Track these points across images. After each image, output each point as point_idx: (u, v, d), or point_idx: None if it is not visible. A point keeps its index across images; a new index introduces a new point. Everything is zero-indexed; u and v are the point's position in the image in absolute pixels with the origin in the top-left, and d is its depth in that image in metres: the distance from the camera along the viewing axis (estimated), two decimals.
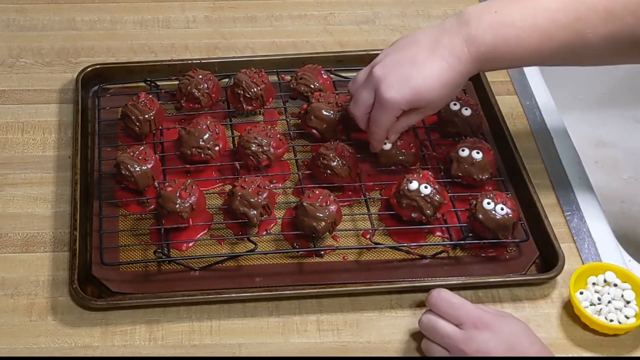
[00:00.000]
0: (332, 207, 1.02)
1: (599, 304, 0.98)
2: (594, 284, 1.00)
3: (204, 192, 1.07)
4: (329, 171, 1.08)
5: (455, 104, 1.14)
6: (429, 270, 1.03)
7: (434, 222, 1.06)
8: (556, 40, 0.98)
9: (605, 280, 1.00)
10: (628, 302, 0.98)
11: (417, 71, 0.99)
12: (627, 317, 0.97)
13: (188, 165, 1.11)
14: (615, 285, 0.99)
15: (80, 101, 1.18)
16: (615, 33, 0.97)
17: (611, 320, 0.97)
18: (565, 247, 1.05)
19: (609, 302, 0.98)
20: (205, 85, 1.16)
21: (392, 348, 0.97)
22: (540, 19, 0.98)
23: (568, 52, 1.00)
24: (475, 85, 1.24)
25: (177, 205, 1.01)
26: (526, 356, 0.88)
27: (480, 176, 1.08)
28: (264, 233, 1.06)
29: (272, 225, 1.07)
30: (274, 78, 1.21)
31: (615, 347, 0.97)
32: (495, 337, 0.89)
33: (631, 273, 1.00)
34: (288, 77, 1.22)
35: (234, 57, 1.27)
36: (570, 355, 0.96)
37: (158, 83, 1.22)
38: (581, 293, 0.99)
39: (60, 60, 1.29)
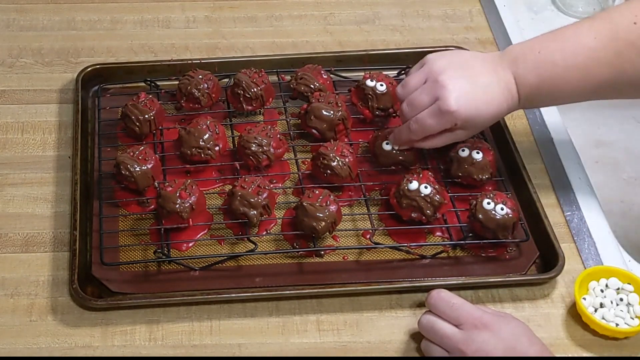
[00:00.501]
0: (332, 207, 1.02)
1: (602, 307, 0.98)
2: (595, 289, 1.00)
3: (204, 192, 1.07)
4: (329, 171, 1.08)
5: None
6: (429, 270, 1.03)
7: (434, 222, 1.06)
8: (597, 77, 1.00)
9: (607, 285, 0.99)
10: (631, 305, 0.98)
11: (482, 93, 1.01)
12: (632, 319, 0.97)
13: (188, 165, 1.11)
14: (618, 288, 0.99)
15: (80, 101, 1.18)
16: None
17: (617, 325, 0.97)
18: (565, 247, 1.05)
19: (615, 304, 0.98)
20: (205, 85, 1.16)
21: (392, 348, 0.97)
22: (580, 57, 1.00)
23: (608, 88, 1.02)
24: None
25: (177, 205, 1.01)
26: (526, 356, 0.88)
27: (480, 176, 1.08)
28: (264, 233, 1.06)
29: (272, 225, 1.07)
30: (274, 78, 1.21)
31: (616, 347, 0.97)
32: (494, 337, 0.89)
33: (633, 275, 1.00)
34: (288, 77, 1.22)
35: (234, 57, 1.27)
36: (570, 355, 0.96)
37: (158, 83, 1.22)
38: (584, 299, 0.98)
39: (60, 60, 1.29)
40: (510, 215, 1.02)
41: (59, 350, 0.95)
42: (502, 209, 1.02)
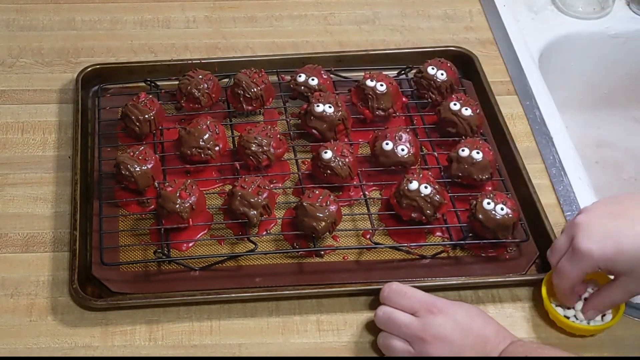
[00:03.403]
0: (332, 207, 1.02)
1: (570, 308, 0.98)
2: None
3: (204, 192, 1.07)
4: (329, 171, 1.08)
5: (455, 104, 1.14)
6: (429, 270, 1.03)
7: (434, 222, 1.06)
8: None
9: None
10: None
11: (627, 227, 0.89)
12: (603, 316, 0.97)
13: (188, 165, 1.11)
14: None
15: (80, 101, 1.18)
16: None
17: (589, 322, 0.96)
18: None
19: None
20: (205, 85, 1.16)
21: None
22: None
23: None
24: (475, 85, 1.24)
25: (177, 205, 1.01)
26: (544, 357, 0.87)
27: (480, 176, 1.08)
28: (264, 233, 1.06)
29: (272, 225, 1.07)
30: (274, 78, 1.21)
31: (615, 346, 0.97)
32: (450, 320, 0.90)
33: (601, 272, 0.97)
34: (288, 77, 1.22)
35: (234, 57, 1.27)
36: (571, 356, 0.96)
37: (158, 83, 1.22)
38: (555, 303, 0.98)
39: (60, 60, 1.29)
40: (510, 215, 1.02)
41: (59, 350, 0.95)
42: (502, 209, 1.02)
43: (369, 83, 1.15)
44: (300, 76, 1.18)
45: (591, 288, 0.97)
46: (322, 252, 1.04)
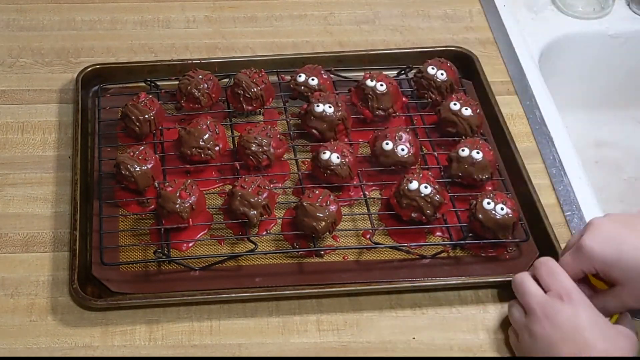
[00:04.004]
0: (332, 207, 1.02)
1: None
2: None
3: (204, 192, 1.07)
4: (329, 171, 1.08)
5: (455, 104, 1.14)
6: (429, 270, 1.03)
7: (434, 222, 1.06)
8: None
9: None
10: None
11: (633, 237, 0.90)
12: None
13: (188, 165, 1.11)
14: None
15: (80, 101, 1.18)
16: None
17: None
18: None
19: None
20: (205, 85, 1.16)
21: (392, 348, 0.97)
22: None
23: None
24: (475, 85, 1.24)
25: (177, 205, 1.01)
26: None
27: (480, 176, 1.08)
28: (264, 233, 1.06)
29: (272, 225, 1.07)
30: (274, 78, 1.21)
31: None
32: (572, 313, 0.88)
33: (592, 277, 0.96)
34: (288, 77, 1.22)
35: (234, 57, 1.27)
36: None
37: (158, 83, 1.22)
38: None
39: (60, 60, 1.29)
40: (510, 215, 1.02)
41: (59, 350, 0.95)
42: (502, 209, 1.02)
43: (369, 83, 1.15)
44: (300, 76, 1.18)
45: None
46: (322, 252, 1.04)
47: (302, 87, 1.18)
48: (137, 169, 1.06)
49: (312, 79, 1.18)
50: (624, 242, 0.90)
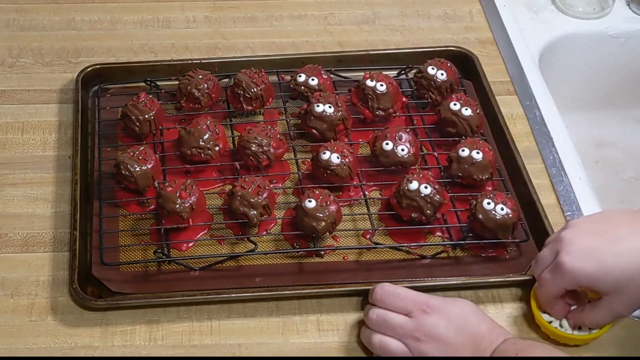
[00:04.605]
0: (332, 207, 1.02)
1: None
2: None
3: (204, 192, 1.07)
4: (329, 171, 1.08)
5: (455, 104, 1.14)
6: (429, 270, 1.03)
7: (434, 222, 1.06)
8: None
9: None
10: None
11: (610, 245, 0.88)
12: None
13: (188, 165, 1.11)
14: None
15: (80, 101, 1.18)
16: None
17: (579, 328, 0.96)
18: None
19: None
20: (205, 85, 1.16)
21: None
22: None
23: None
24: (475, 85, 1.24)
25: (177, 205, 1.01)
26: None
27: (480, 176, 1.08)
28: (264, 233, 1.06)
29: (272, 225, 1.07)
30: (274, 78, 1.21)
31: (616, 346, 0.97)
32: (443, 319, 0.90)
33: None
34: (288, 77, 1.22)
35: (234, 57, 1.27)
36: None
37: (158, 83, 1.22)
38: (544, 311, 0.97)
39: (60, 60, 1.29)
40: (510, 215, 1.02)
41: (59, 350, 0.95)
42: (502, 209, 1.02)
43: (369, 83, 1.15)
44: (300, 76, 1.18)
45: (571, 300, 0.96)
46: (322, 252, 1.04)
47: (302, 87, 1.18)
48: (137, 169, 1.06)
49: (312, 79, 1.18)
50: (601, 252, 0.88)
